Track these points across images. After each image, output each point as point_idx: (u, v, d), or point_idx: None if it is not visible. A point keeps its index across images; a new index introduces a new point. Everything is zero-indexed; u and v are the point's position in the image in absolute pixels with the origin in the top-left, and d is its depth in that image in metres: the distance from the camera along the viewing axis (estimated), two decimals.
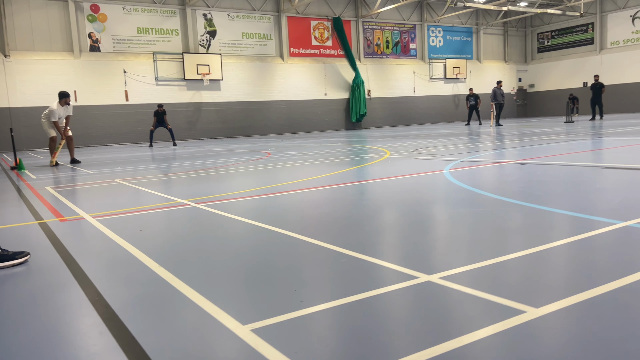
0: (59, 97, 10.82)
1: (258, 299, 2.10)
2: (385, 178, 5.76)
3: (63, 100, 10.79)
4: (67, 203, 5.12)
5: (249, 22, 24.75)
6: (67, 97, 10.86)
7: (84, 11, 21.08)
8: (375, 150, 10.03)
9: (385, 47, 29.11)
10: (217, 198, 4.92)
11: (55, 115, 10.69)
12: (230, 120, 24.28)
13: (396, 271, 2.33)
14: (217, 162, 9.27)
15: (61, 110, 10.82)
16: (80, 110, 20.80)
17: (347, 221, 3.53)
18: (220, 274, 2.49)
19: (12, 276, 2.66)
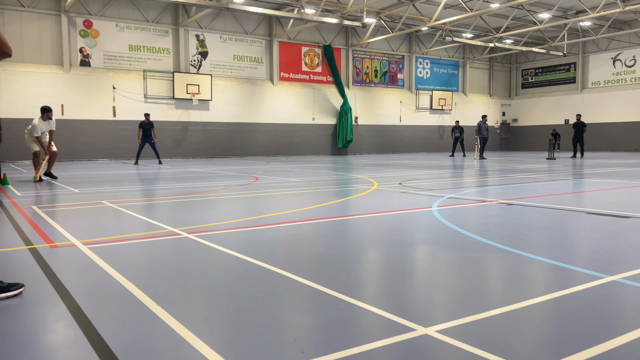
0: (41, 112, 10.78)
1: (256, 347, 2.13)
2: (375, 213, 5.84)
3: (45, 115, 10.75)
4: (56, 226, 5.08)
5: (241, 45, 25.01)
6: (49, 111, 10.82)
7: (77, 26, 21.12)
8: (363, 180, 10.15)
9: (373, 76, 29.60)
10: (207, 228, 4.94)
11: (38, 131, 10.63)
12: (217, 141, 24.31)
13: (393, 321, 2.39)
14: (205, 186, 9.27)
15: (43, 125, 10.77)
16: (67, 124, 20.65)
17: (340, 261, 3.58)
18: (219, 317, 2.51)
19: (6, 309, 2.64)
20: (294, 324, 2.42)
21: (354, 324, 2.38)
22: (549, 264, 3.49)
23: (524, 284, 3.05)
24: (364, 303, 2.65)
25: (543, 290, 2.89)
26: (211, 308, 2.63)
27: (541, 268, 3.43)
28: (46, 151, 10.80)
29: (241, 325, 2.39)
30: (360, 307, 2.59)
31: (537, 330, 2.33)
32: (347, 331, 2.28)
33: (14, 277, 3.16)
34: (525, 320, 2.43)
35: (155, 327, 2.35)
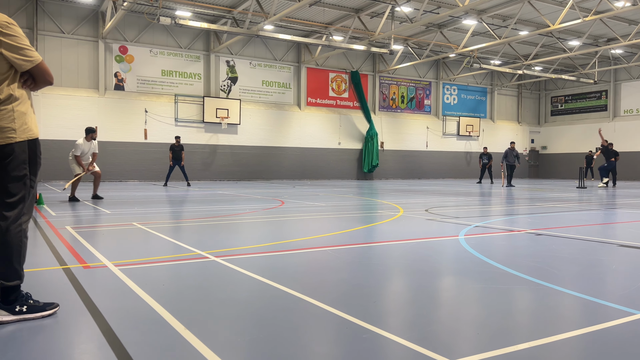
0: (85, 133, 11.11)
1: None
2: (402, 240, 5.83)
3: (89, 135, 11.09)
4: (89, 247, 5.23)
5: (270, 71, 25.51)
6: (93, 132, 11.14)
7: (113, 52, 21.92)
8: (388, 206, 10.13)
9: (400, 101, 29.72)
10: (234, 252, 5.01)
11: (78, 150, 10.95)
12: (245, 164, 24.64)
13: (418, 352, 2.38)
14: (232, 209, 9.40)
15: (86, 146, 11.10)
16: (100, 145, 21.24)
17: (365, 289, 3.59)
18: (246, 343, 2.55)
19: (42, 329, 2.74)
20: (320, 353, 2.44)
21: (378, 354, 2.39)
22: (579, 297, 3.43)
23: (553, 318, 3.00)
24: (389, 333, 2.65)
25: (573, 325, 2.84)
26: (238, 334, 2.68)
27: (571, 302, 3.37)
28: (84, 169, 11.07)
29: (267, 353, 2.42)
30: (385, 337, 2.59)
31: None
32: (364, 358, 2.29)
33: (49, 296, 3.26)
34: (554, 356, 2.39)
35: (185, 352, 2.40)
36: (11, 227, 2.86)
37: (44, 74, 2.96)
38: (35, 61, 2.87)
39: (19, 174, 2.88)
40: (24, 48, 2.83)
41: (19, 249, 2.88)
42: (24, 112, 2.91)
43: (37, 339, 2.61)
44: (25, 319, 2.83)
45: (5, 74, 2.85)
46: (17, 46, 2.80)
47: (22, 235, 2.91)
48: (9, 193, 2.87)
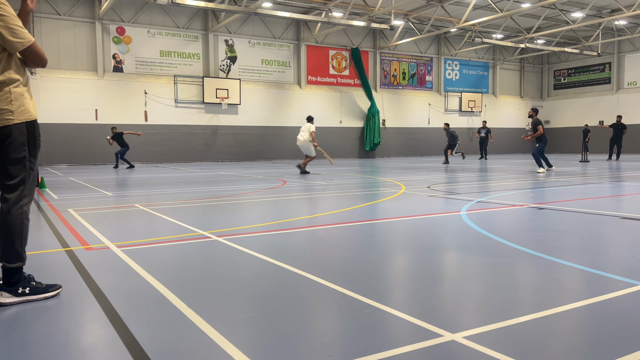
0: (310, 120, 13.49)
1: (284, 351, 2.17)
2: (403, 217, 5.82)
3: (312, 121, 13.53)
4: (91, 229, 5.24)
5: (269, 50, 25.25)
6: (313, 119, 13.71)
7: (110, 33, 21.69)
8: (390, 184, 10.11)
9: (401, 78, 29.45)
10: (236, 231, 5.01)
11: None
12: (246, 144, 24.58)
13: (420, 327, 2.39)
14: (234, 189, 9.40)
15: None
16: (100, 128, 21.23)
17: (367, 266, 3.60)
18: (248, 320, 2.56)
19: (45, 309, 2.75)
20: (321, 328, 2.44)
21: (380, 328, 2.40)
22: (582, 270, 3.43)
23: (555, 290, 3.00)
24: (391, 308, 2.66)
25: (575, 297, 2.84)
26: (240, 311, 2.68)
27: (573, 274, 3.37)
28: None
29: (270, 329, 2.43)
30: (387, 312, 2.60)
31: (569, 338, 2.29)
32: (374, 336, 2.29)
33: (51, 278, 3.28)
34: (557, 328, 2.39)
35: (186, 329, 2.41)
36: (12, 209, 2.86)
37: (36, 55, 2.91)
38: (27, 42, 2.82)
39: (18, 156, 2.87)
40: (16, 29, 2.78)
41: (20, 231, 2.88)
42: (21, 94, 2.88)
43: (40, 319, 2.62)
44: (28, 300, 2.84)
45: (0, 55, 2.81)
46: (9, 27, 2.75)
47: (23, 217, 2.90)
48: (9, 175, 2.86)
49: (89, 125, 21.21)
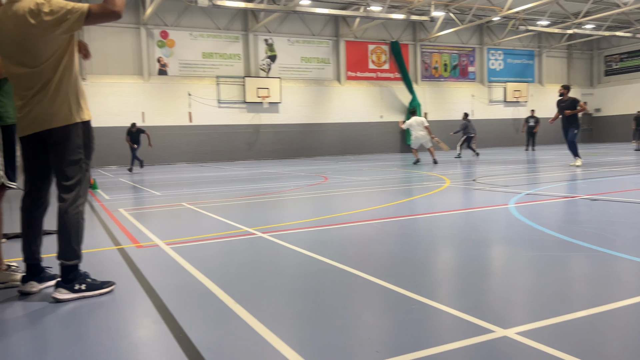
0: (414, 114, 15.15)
1: (332, 346, 2.16)
2: (448, 211, 5.71)
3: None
4: (141, 227, 5.41)
5: (308, 47, 25.31)
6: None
7: (154, 37, 22.30)
8: (434, 178, 9.94)
9: (443, 70, 28.92)
10: (280, 227, 5.05)
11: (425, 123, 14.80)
12: (287, 142, 24.76)
13: (470, 322, 2.33)
14: (276, 187, 9.49)
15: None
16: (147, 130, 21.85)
17: (412, 261, 3.55)
18: (294, 315, 2.57)
19: (100, 305, 2.85)
20: (368, 324, 2.43)
21: (428, 324, 2.36)
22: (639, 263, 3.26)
23: (611, 284, 2.87)
24: (439, 303, 2.61)
25: (633, 292, 2.71)
26: (287, 307, 2.70)
27: (630, 268, 3.21)
28: None
29: (316, 324, 2.43)
30: (435, 308, 2.55)
31: (626, 334, 2.19)
32: (422, 332, 2.26)
33: (105, 275, 3.39)
34: (613, 324, 2.28)
35: (234, 324, 2.45)
36: (69, 209, 2.97)
37: (102, 13, 2.81)
38: (84, 13, 2.80)
39: (74, 158, 2.98)
40: (66, 11, 2.80)
41: (76, 230, 3.00)
42: (77, 95, 2.98)
43: (95, 314, 2.72)
44: (85, 296, 2.95)
45: (57, 54, 2.89)
46: (62, 15, 2.80)
47: (79, 217, 3.02)
48: (66, 176, 2.98)
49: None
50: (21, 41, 2.84)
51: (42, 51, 2.85)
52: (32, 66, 2.87)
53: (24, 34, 2.82)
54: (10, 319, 2.71)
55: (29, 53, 2.85)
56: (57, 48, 2.88)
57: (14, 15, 2.83)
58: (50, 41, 2.84)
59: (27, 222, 3.09)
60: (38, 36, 2.82)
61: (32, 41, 2.83)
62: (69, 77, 2.94)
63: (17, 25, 2.82)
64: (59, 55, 2.89)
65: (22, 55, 2.87)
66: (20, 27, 2.82)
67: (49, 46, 2.85)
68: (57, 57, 2.89)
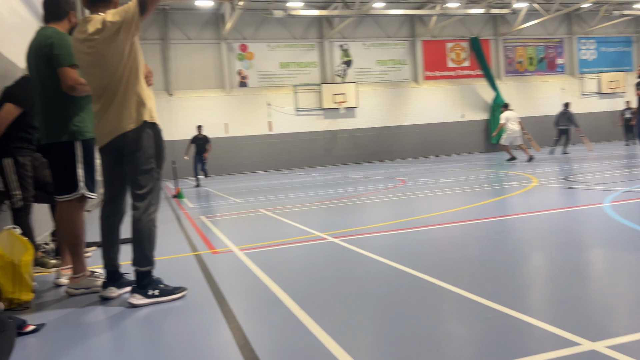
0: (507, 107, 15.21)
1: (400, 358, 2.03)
2: (535, 212, 5.32)
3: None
4: (218, 234, 5.54)
5: (384, 49, 25.08)
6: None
7: (234, 51, 23.16)
8: (519, 177, 9.37)
9: (528, 64, 27.42)
10: (352, 232, 4.95)
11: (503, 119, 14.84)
12: (365, 146, 24.63)
13: (553, 334, 2.09)
14: (351, 191, 9.40)
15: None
16: (230, 141, 22.73)
17: (493, 266, 3.30)
18: (361, 324, 2.46)
19: (171, 311, 2.91)
20: (439, 334, 2.26)
21: (506, 335, 2.15)
22: None
23: None
24: (518, 312, 2.38)
25: None
26: (354, 315, 2.59)
27: None
28: None
29: (384, 334, 2.30)
30: (513, 317, 2.33)
31: None
32: (498, 343, 2.06)
33: (181, 280, 3.48)
34: None
35: (298, 332, 2.38)
36: (142, 216, 3.08)
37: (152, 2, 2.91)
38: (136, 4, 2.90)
39: (147, 167, 3.09)
40: (124, 11, 2.92)
41: (149, 237, 3.10)
42: (144, 99, 3.08)
43: (167, 319, 2.78)
44: (158, 302, 3.03)
45: (123, 62, 3.00)
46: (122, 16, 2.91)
47: (151, 224, 3.11)
48: (139, 185, 3.09)
49: (221, 138, 22.77)
50: (95, 57, 2.99)
51: (112, 61, 2.98)
52: (104, 77, 3.01)
53: (96, 48, 2.97)
54: (90, 322, 2.85)
55: (102, 66, 3.00)
56: (124, 55, 3.00)
57: (85, 32, 3.00)
58: (117, 49, 2.97)
59: (105, 230, 3.24)
60: (107, 47, 2.95)
61: (103, 53, 2.97)
62: (135, 83, 3.05)
63: (89, 41, 2.98)
64: (125, 63, 3.01)
65: (96, 68, 3.02)
66: (92, 43, 2.97)
67: (117, 55, 2.98)
68: (124, 65, 3.01)
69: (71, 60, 3.20)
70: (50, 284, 3.75)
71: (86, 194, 3.42)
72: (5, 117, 3.71)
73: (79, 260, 3.38)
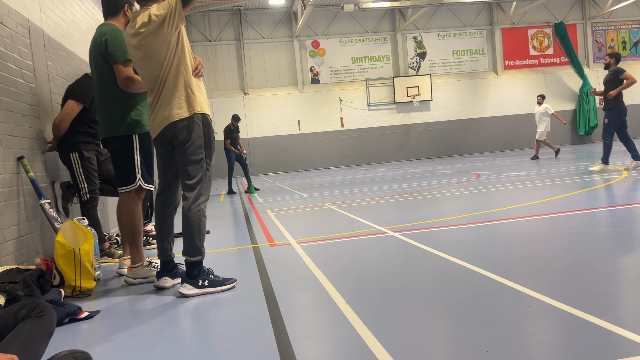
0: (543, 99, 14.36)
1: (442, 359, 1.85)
2: (619, 206, 4.81)
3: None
4: (280, 227, 5.54)
5: (460, 39, 24.16)
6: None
7: (307, 48, 23.33)
8: (607, 169, 8.60)
9: (621, 48, 25.27)
10: (415, 226, 4.74)
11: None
12: (440, 140, 23.90)
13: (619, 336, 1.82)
14: (421, 185, 9.09)
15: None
16: (303, 137, 22.95)
17: (561, 263, 2.99)
18: (405, 321, 2.30)
19: (218, 302, 2.90)
20: (488, 334, 2.05)
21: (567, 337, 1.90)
22: None
23: None
24: (584, 312, 2.11)
25: None
26: (400, 310, 2.43)
27: None
28: None
29: (427, 332, 2.13)
30: (578, 317, 2.06)
31: None
32: (558, 346, 1.82)
33: (234, 272, 3.48)
34: None
35: (339, 328, 2.27)
36: (192, 206, 3.10)
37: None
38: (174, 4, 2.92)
39: (196, 157, 3.11)
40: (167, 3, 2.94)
41: (199, 227, 3.11)
42: (192, 89, 3.09)
43: (214, 310, 2.77)
44: (207, 292, 3.04)
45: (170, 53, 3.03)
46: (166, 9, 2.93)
47: (200, 214, 3.12)
48: (189, 175, 3.11)
49: (294, 135, 23.09)
50: (144, 50, 3.05)
51: (159, 53, 3.02)
52: (154, 69, 3.06)
53: (144, 41, 3.02)
54: (141, 310, 2.90)
55: (152, 58, 3.05)
56: (171, 47, 3.02)
57: (134, 27, 3.06)
58: (163, 41, 3.00)
59: (159, 220, 3.30)
60: (154, 39, 3.00)
61: (150, 45, 3.02)
62: (184, 75, 3.08)
63: (138, 35, 3.04)
64: (172, 54, 3.04)
65: (145, 61, 3.08)
66: (140, 36, 3.03)
67: (164, 47, 3.02)
68: (172, 57, 3.04)
69: (125, 56, 3.29)
70: (114, 274, 3.90)
71: (143, 186, 3.51)
72: (68, 113, 3.91)
73: (137, 250, 3.47)
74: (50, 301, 2.59)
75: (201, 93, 3.17)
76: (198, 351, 2.20)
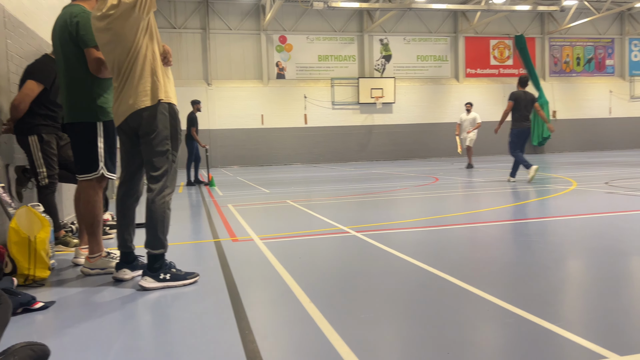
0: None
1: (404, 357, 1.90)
2: (570, 216, 5.05)
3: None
4: (242, 222, 5.50)
5: (425, 45, 24.63)
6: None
7: (274, 42, 23.20)
8: (559, 180, 8.98)
9: (575, 64, 26.41)
10: (376, 227, 4.82)
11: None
12: (401, 143, 24.30)
13: (577, 345, 1.92)
14: (382, 187, 9.23)
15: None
16: (266, 132, 22.83)
17: (518, 269, 3.11)
18: (370, 321, 2.34)
19: (180, 297, 2.86)
20: (449, 336, 2.11)
21: (523, 341, 1.98)
22: None
23: None
24: (540, 319, 2.21)
25: None
26: (364, 310, 2.47)
27: None
28: None
29: (391, 332, 2.18)
30: (533, 323, 2.16)
31: None
32: (515, 350, 1.90)
33: (196, 267, 3.43)
34: None
35: (303, 326, 2.28)
36: (156, 198, 3.03)
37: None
38: None
39: (162, 149, 3.04)
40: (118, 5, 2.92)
41: (162, 220, 3.05)
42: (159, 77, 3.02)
43: (175, 305, 2.73)
44: (169, 286, 2.99)
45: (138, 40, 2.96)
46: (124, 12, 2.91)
47: (165, 207, 3.06)
48: (154, 167, 3.04)
49: (256, 129, 22.93)
50: (111, 33, 2.96)
51: (127, 38, 2.94)
52: (120, 54, 2.98)
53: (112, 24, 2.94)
54: (99, 302, 2.83)
55: (119, 43, 2.97)
56: (139, 32, 2.95)
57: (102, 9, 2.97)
58: (132, 26, 2.93)
59: (120, 211, 3.22)
60: (122, 23, 2.92)
61: (118, 29, 2.94)
62: (151, 61, 3.00)
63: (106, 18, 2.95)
64: (141, 40, 2.97)
65: (112, 45, 2.99)
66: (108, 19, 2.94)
67: (132, 31, 2.94)
68: (140, 42, 2.97)
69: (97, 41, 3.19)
70: (69, 263, 3.78)
71: (106, 174, 3.41)
72: (28, 94, 3.75)
73: (95, 240, 3.38)
74: (3, 290, 2.49)
75: (169, 82, 3.11)
76: (159, 347, 2.16)
